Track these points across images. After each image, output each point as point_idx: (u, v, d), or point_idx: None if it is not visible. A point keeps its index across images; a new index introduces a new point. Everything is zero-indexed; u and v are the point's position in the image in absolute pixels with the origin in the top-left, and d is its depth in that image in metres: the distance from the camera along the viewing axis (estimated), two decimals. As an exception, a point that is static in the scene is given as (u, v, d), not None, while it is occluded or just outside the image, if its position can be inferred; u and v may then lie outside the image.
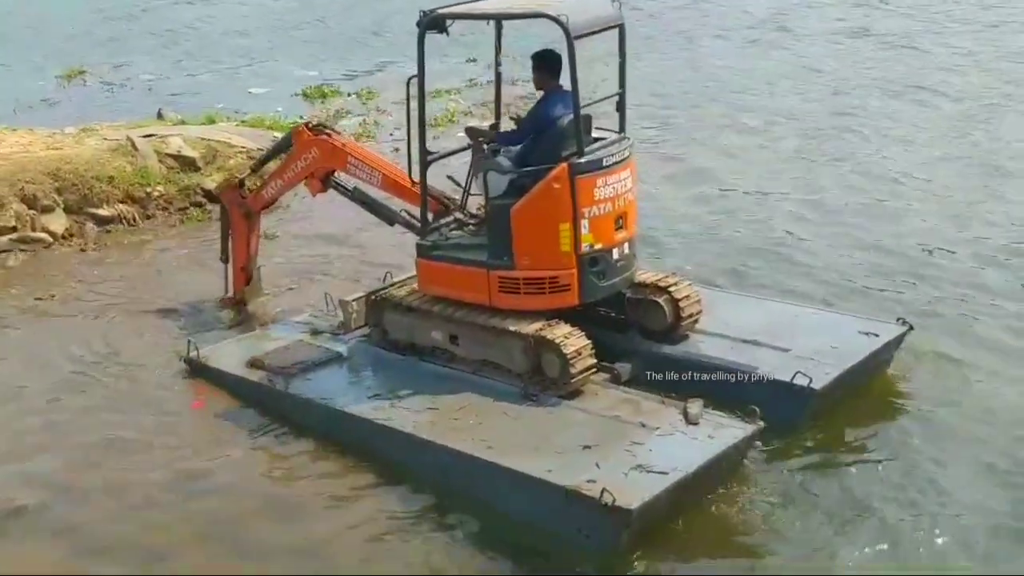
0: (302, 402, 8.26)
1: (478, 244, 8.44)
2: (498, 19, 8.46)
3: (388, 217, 9.21)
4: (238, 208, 9.93)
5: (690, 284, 8.67)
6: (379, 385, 8.37)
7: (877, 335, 8.44)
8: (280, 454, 8.01)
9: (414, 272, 9.32)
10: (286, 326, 9.57)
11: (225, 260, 10.15)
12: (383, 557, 6.88)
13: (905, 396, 8.41)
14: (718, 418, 7.39)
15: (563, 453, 7.14)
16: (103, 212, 12.23)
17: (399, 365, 8.61)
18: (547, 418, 7.64)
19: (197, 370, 8.95)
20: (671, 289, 8.50)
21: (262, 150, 11.87)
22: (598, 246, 8.05)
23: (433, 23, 8.17)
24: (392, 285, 9.11)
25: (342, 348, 8.95)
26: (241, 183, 10.02)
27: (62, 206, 12.05)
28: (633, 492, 6.55)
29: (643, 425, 7.36)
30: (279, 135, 13.67)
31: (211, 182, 12.68)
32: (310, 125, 9.57)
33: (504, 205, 8.11)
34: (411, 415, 7.82)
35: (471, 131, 8.72)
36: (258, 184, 9.98)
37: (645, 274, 8.67)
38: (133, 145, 13.02)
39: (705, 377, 8.08)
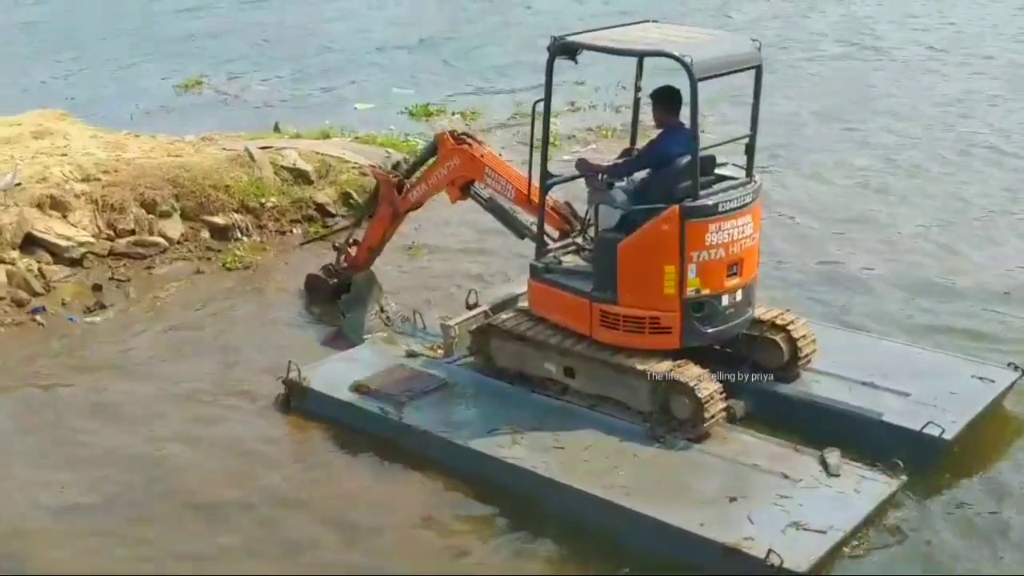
0: (419, 433, 8.07)
1: (586, 273, 8.31)
2: (623, 55, 8.25)
3: (518, 230, 9.17)
4: (389, 204, 9.91)
5: (806, 323, 8.58)
6: (495, 417, 8.18)
7: (993, 381, 8.42)
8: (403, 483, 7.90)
9: (507, 293, 9.24)
10: (376, 345, 9.36)
11: (338, 247, 10.39)
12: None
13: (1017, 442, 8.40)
14: (858, 470, 7.34)
15: (709, 504, 7.05)
16: (218, 220, 12.14)
17: (509, 395, 8.45)
18: (681, 463, 7.54)
19: (297, 391, 8.70)
20: (789, 328, 8.41)
21: (374, 166, 11.92)
22: (705, 292, 7.90)
23: (564, 49, 8.00)
24: (496, 309, 8.94)
25: (444, 374, 8.76)
26: (400, 185, 9.88)
27: (179, 212, 12.03)
28: (799, 554, 6.48)
29: (785, 476, 7.28)
30: (392, 151, 13.97)
31: (324, 195, 12.83)
32: (455, 133, 9.48)
33: (613, 239, 7.99)
34: (539, 454, 7.66)
35: (581, 164, 8.55)
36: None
37: (760, 310, 8.56)
38: (250, 156, 12.94)
39: (826, 420, 8.02)
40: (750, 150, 8.21)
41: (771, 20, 23.32)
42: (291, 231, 12.50)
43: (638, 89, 8.79)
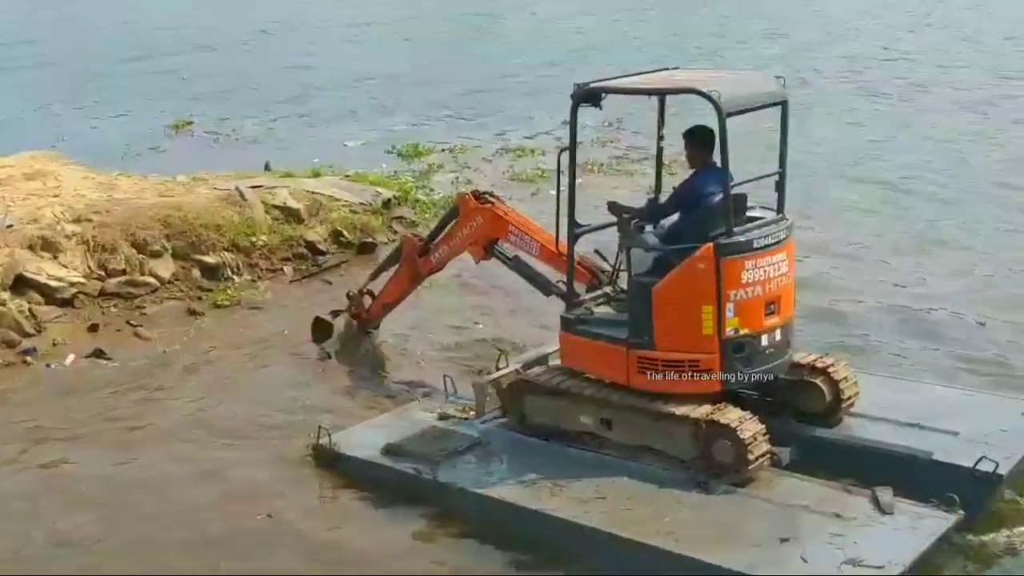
0: (455, 491, 7.84)
1: (620, 321, 8.14)
2: (650, 95, 8.23)
3: (544, 287, 9.02)
4: (411, 265, 9.87)
5: (847, 365, 8.38)
6: (531, 472, 7.94)
7: (1043, 417, 8.19)
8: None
9: (539, 351, 9.08)
10: (407, 410, 9.19)
11: (351, 296, 10.41)
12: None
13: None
14: (912, 507, 7.08)
15: (760, 546, 6.80)
16: (209, 259, 12.28)
17: (545, 451, 8.23)
18: (727, 507, 7.29)
19: (327, 457, 8.50)
20: (829, 370, 8.21)
21: (364, 204, 12.20)
22: (744, 331, 7.72)
23: (587, 96, 7.96)
24: (528, 367, 8.77)
25: (477, 433, 8.56)
26: (424, 249, 9.82)
27: (170, 252, 12.14)
28: (857, 590, 6.20)
29: (837, 516, 7.02)
30: (381, 190, 14.18)
31: (314, 234, 12.99)
32: (476, 193, 9.46)
33: (647, 283, 7.84)
34: (580, 504, 7.43)
35: (613, 207, 8.47)
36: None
37: (799, 354, 8.37)
38: (241, 195, 13.14)
39: (875, 462, 7.76)
40: (780, 186, 8.12)
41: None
42: (282, 269, 12.58)
43: (661, 137, 8.74)
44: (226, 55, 27.01)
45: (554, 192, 8.31)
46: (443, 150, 17.81)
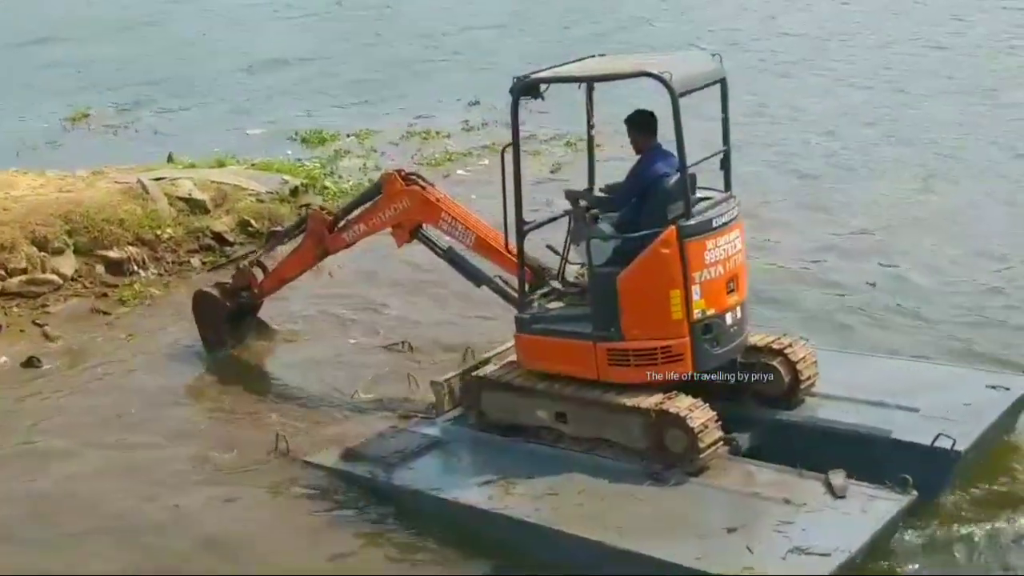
0: (408, 493, 7.78)
1: (581, 315, 8.00)
2: (598, 81, 8.10)
3: (478, 280, 8.87)
4: (317, 241, 9.64)
5: (805, 344, 8.24)
6: (487, 470, 7.87)
7: (1008, 388, 8.02)
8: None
9: (502, 346, 8.97)
10: (366, 412, 9.13)
11: (241, 267, 10.17)
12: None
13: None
14: (865, 489, 6.94)
15: (707, 537, 6.70)
16: (112, 254, 12.16)
17: (502, 447, 8.13)
18: (678, 498, 7.18)
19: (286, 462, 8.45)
20: (787, 351, 8.07)
21: (271, 192, 12.03)
22: (711, 312, 7.63)
23: (527, 89, 7.83)
24: (484, 363, 8.68)
25: (437, 432, 8.49)
26: (334, 223, 9.62)
27: (72, 248, 12.01)
28: (799, 580, 6.09)
29: (787, 502, 6.90)
30: (288, 178, 13.96)
31: (221, 224, 12.86)
32: (403, 173, 9.23)
33: (609, 273, 7.70)
34: (530, 502, 7.34)
35: (571, 194, 8.34)
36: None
37: (756, 336, 8.24)
38: (144, 188, 13.00)
39: (834, 444, 7.62)
40: (726, 164, 8.00)
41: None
42: (189, 262, 12.46)
43: (591, 126, 8.61)
44: (120, 43, 26.26)
45: (462, 172, 8.16)
46: (348, 136, 17.52)
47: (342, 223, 9.55)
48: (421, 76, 21.60)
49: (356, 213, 9.51)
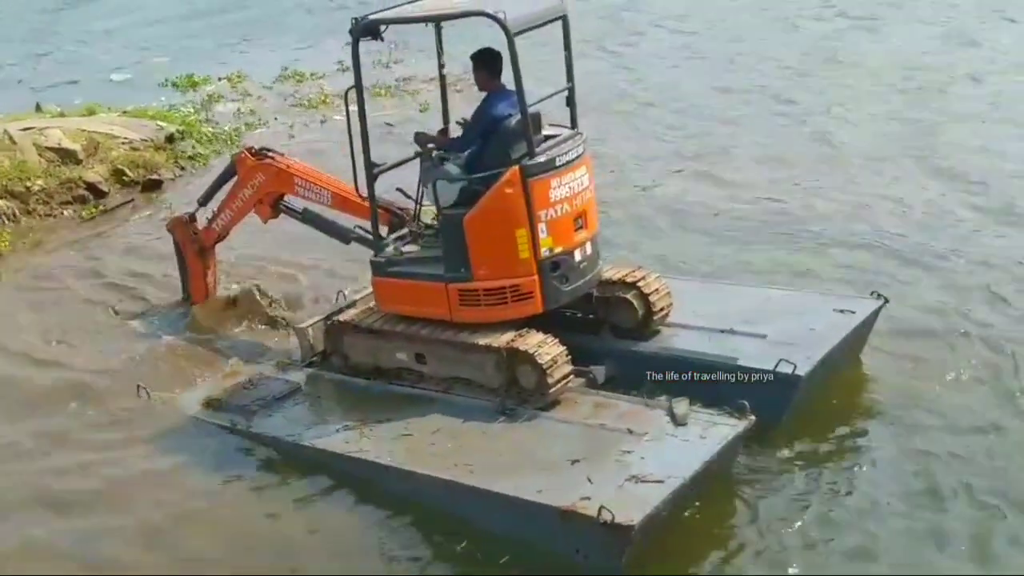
0: (269, 440, 7.85)
1: (434, 257, 8.07)
2: (435, 20, 8.07)
3: (342, 236, 8.87)
4: (191, 244, 9.59)
5: (659, 277, 8.37)
6: (346, 414, 7.98)
7: (853, 312, 8.22)
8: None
9: (367, 290, 8.99)
10: (242, 360, 9.13)
11: (187, 299, 9.84)
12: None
13: (885, 381, 8.20)
14: (707, 416, 7.12)
15: (551, 470, 6.82)
16: None
17: (364, 391, 8.23)
18: (528, 434, 7.31)
19: (150, 414, 8.46)
20: (640, 284, 8.20)
21: (145, 140, 11.80)
22: (558, 249, 7.72)
23: (366, 30, 7.77)
24: (348, 307, 8.71)
25: (300, 378, 8.54)
26: (192, 217, 9.61)
27: None
28: (632, 506, 6.24)
29: (630, 431, 7.06)
30: (163, 125, 13.72)
31: (94, 174, 12.60)
32: (252, 150, 9.17)
33: (456, 215, 7.76)
34: (385, 444, 7.44)
35: (420, 137, 8.34)
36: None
37: (611, 270, 8.36)
38: (10, 138, 12.70)
39: (684, 373, 7.80)
40: (571, 101, 8.04)
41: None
42: (62, 213, 12.27)
43: (442, 64, 8.60)
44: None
45: (339, 118, 8.11)
46: (220, 79, 17.17)
47: (211, 216, 9.49)
48: (290, 15, 21.23)
49: (221, 204, 9.44)
